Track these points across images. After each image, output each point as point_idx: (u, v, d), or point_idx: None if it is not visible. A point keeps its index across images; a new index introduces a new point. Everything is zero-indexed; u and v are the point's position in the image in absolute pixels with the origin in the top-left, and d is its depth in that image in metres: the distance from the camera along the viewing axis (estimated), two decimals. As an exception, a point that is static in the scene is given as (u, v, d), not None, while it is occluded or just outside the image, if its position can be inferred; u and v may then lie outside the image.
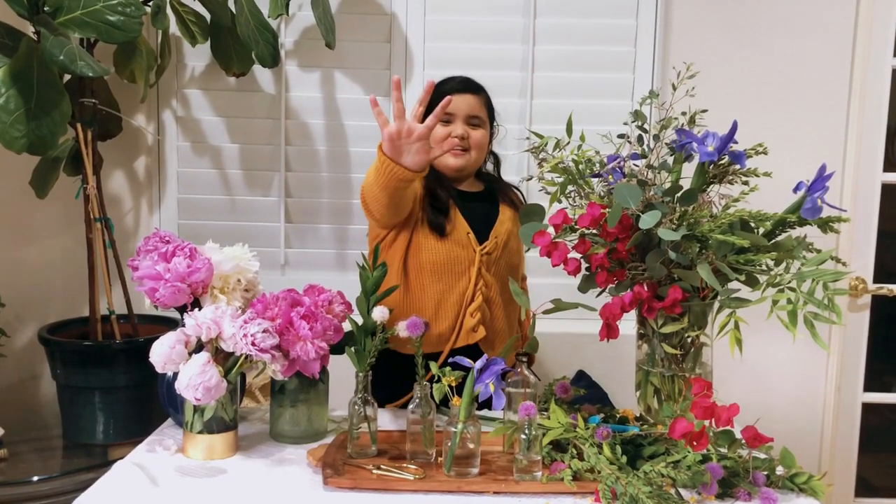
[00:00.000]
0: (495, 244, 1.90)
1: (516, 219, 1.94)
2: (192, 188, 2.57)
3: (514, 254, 1.96)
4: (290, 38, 2.52)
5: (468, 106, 1.89)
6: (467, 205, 1.94)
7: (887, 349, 2.75)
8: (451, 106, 1.86)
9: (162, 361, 1.48)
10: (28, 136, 1.82)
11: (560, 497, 1.37)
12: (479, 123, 1.91)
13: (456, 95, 1.86)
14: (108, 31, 1.90)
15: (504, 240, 1.92)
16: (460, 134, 1.88)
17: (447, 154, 1.88)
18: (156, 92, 2.51)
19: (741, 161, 1.54)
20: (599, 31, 2.51)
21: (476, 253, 1.88)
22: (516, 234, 1.91)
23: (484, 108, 1.93)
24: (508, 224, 1.95)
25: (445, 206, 1.89)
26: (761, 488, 1.37)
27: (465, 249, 1.88)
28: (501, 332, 1.90)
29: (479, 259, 1.88)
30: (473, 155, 1.91)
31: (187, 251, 1.61)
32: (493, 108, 1.98)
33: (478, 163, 1.95)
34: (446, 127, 1.89)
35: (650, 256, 1.49)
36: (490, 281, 1.89)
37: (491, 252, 1.89)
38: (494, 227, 1.93)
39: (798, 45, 2.51)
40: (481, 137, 1.92)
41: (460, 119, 1.89)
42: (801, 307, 1.35)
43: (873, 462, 2.76)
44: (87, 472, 1.88)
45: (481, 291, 1.87)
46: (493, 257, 1.90)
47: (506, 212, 1.96)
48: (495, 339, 1.90)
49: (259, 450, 1.60)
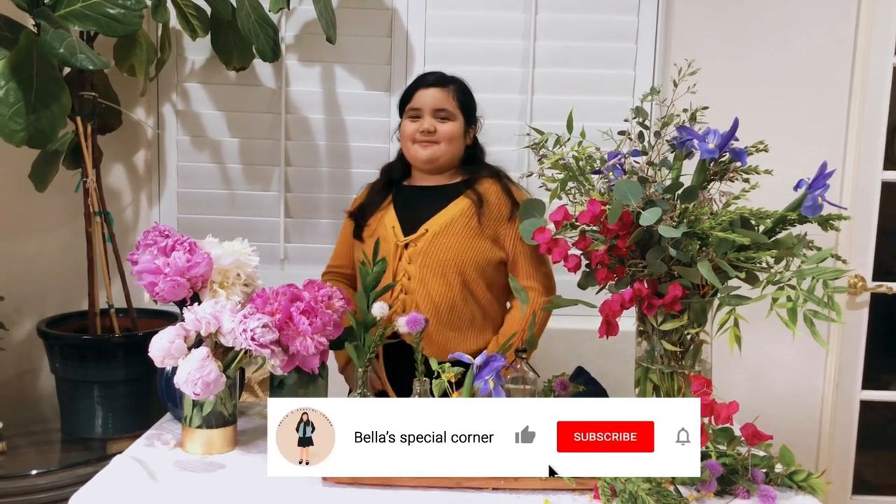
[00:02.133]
0: (423, 234, 1.88)
1: (476, 212, 1.88)
2: (192, 182, 2.57)
3: (465, 246, 1.88)
4: (291, 33, 2.51)
5: (433, 100, 1.91)
6: (411, 199, 1.96)
7: (886, 347, 2.75)
8: (419, 101, 1.93)
9: (161, 356, 1.48)
10: (27, 129, 1.81)
11: (559, 493, 1.37)
12: (447, 116, 1.92)
13: (422, 90, 1.93)
14: (108, 24, 1.90)
15: (439, 230, 1.87)
16: (425, 128, 1.90)
17: (416, 146, 1.92)
18: (156, 85, 2.50)
19: (742, 158, 1.54)
20: (600, 28, 2.50)
21: (396, 245, 1.89)
22: (474, 227, 1.87)
23: (452, 101, 1.93)
24: (455, 216, 1.89)
25: (366, 215, 1.97)
26: (760, 486, 1.37)
27: (386, 243, 1.88)
28: (430, 325, 1.80)
29: (397, 250, 1.88)
30: (442, 147, 1.91)
31: (187, 245, 1.60)
32: (468, 101, 1.98)
33: (449, 153, 1.93)
34: (414, 122, 1.92)
35: (650, 253, 1.49)
36: (413, 272, 1.87)
37: (416, 243, 1.88)
38: (432, 218, 1.90)
39: (799, 42, 2.50)
40: (450, 129, 1.92)
41: (427, 113, 1.91)
42: (800, 305, 1.35)
43: (871, 460, 2.77)
44: (86, 465, 1.88)
45: (401, 283, 1.87)
46: (420, 248, 1.87)
47: (461, 203, 1.90)
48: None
49: (258, 445, 1.60)
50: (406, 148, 1.95)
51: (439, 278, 1.87)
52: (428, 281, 1.86)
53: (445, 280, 1.87)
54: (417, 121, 1.92)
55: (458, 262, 1.87)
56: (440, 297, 1.87)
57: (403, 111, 1.96)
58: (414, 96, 1.93)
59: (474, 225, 1.88)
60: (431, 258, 1.87)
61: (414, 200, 1.96)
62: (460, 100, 1.95)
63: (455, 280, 1.87)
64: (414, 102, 1.93)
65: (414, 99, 1.93)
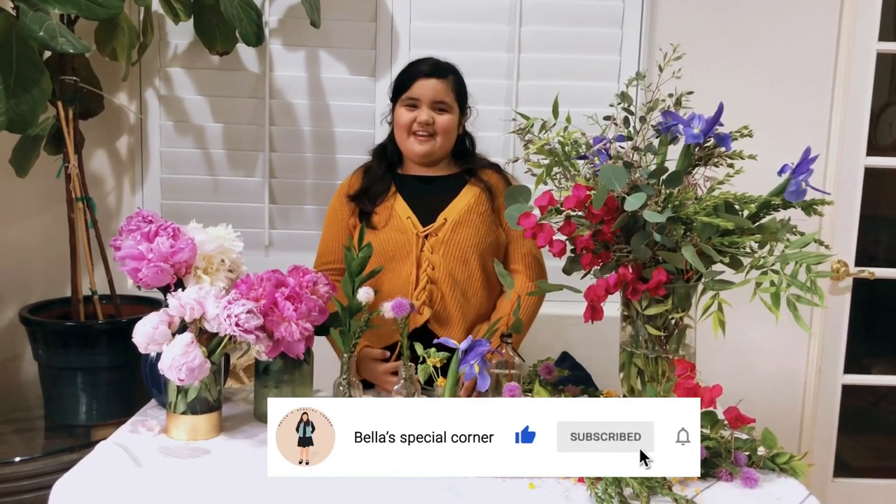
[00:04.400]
0: (443, 224, 1.89)
1: (489, 199, 1.93)
2: (175, 168, 2.55)
3: (483, 232, 1.91)
4: (275, 17, 2.49)
5: (433, 91, 1.89)
6: (419, 189, 1.94)
7: (867, 332, 2.78)
8: (417, 91, 1.89)
9: (145, 342, 1.47)
10: (7, 113, 1.79)
11: (545, 479, 1.38)
12: (445, 108, 1.91)
13: (422, 80, 1.89)
14: (89, 8, 1.87)
15: (458, 219, 1.90)
16: (424, 120, 1.88)
17: (413, 139, 1.90)
18: (138, 70, 2.48)
19: (727, 143, 1.54)
20: (586, 13, 2.49)
21: (417, 236, 1.88)
22: (488, 213, 1.91)
23: (451, 93, 1.92)
24: (471, 203, 1.92)
25: (374, 201, 1.93)
26: (743, 468, 1.38)
27: (404, 234, 1.88)
28: (454, 310, 1.88)
29: (419, 242, 1.88)
30: (439, 140, 1.91)
31: (170, 231, 1.59)
32: (464, 91, 1.97)
33: (444, 147, 1.93)
34: (411, 112, 1.90)
35: (635, 238, 1.49)
36: (437, 262, 1.87)
37: (437, 233, 1.88)
38: (448, 208, 1.91)
39: (783, 28, 2.51)
40: (447, 122, 1.91)
41: (426, 104, 1.89)
42: (784, 289, 1.35)
43: (852, 443, 2.80)
44: (70, 452, 1.87)
45: (426, 273, 1.87)
46: (442, 238, 1.88)
47: (471, 191, 1.93)
48: (447, 318, 1.89)
49: (243, 430, 1.60)
50: (401, 138, 1.93)
51: (462, 265, 1.89)
52: (453, 268, 1.88)
53: (468, 266, 1.89)
54: (414, 111, 1.90)
55: (478, 249, 1.90)
56: (466, 284, 1.90)
57: (397, 97, 1.94)
58: (413, 86, 1.90)
59: (489, 211, 1.91)
60: (453, 247, 1.88)
61: (421, 190, 1.95)
62: (457, 91, 1.94)
63: (476, 265, 1.89)
64: (412, 92, 1.90)
65: (413, 88, 1.90)
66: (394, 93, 1.96)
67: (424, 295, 1.86)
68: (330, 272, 1.88)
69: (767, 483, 1.38)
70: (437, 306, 1.87)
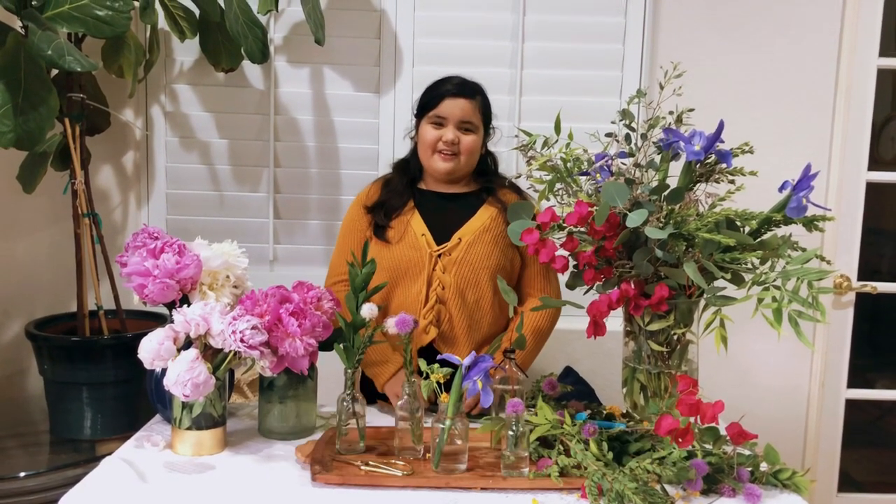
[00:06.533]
0: (457, 244, 1.88)
1: (505, 220, 1.89)
2: (181, 184, 2.56)
3: (497, 254, 1.90)
4: (280, 34, 2.51)
5: (461, 111, 1.87)
6: (437, 206, 1.94)
7: (871, 346, 2.78)
8: (445, 110, 1.87)
9: (150, 357, 1.48)
10: (15, 130, 1.81)
11: (547, 493, 1.38)
12: (471, 128, 1.89)
13: (450, 99, 1.87)
14: (96, 26, 1.89)
15: (472, 239, 1.88)
16: (450, 139, 1.87)
17: (437, 157, 1.89)
18: (144, 87, 2.50)
19: (728, 160, 1.55)
20: (588, 29, 2.51)
21: (431, 255, 1.87)
22: (503, 235, 1.89)
23: (478, 114, 1.90)
24: (487, 223, 1.91)
25: (390, 215, 1.91)
26: (745, 484, 1.39)
27: (418, 251, 1.87)
28: (461, 332, 1.87)
29: (431, 260, 1.87)
30: (463, 160, 1.89)
31: (176, 247, 1.60)
32: (489, 111, 1.96)
33: (467, 166, 1.92)
34: (437, 130, 1.88)
35: (637, 254, 1.50)
36: (448, 281, 1.86)
37: (450, 252, 1.87)
38: (463, 227, 1.90)
39: (784, 44, 2.52)
40: (472, 143, 1.89)
41: (452, 123, 1.87)
42: (785, 305, 1.36)
43: (856, 457, 2.79)
44: (75, 467, 1.87)
45: (436, 293, 1.87)
46: (455, 258, 1.87)
47: (487, 212, 1.92)
48: (453, 339, 1.88)
49: (247, 446, 1.60)
50: (425, 155, 1.91)
51: (473, 286, 1.88)
52: (464, 289, 1.87)
53: (479, 288, 1.88)
54: (440, 129, 1.88)
55: (490, 270, 1.88)
56: (475, 305, 1.89)
57: (423, 114, 1.91)
58: (441, 104, 1.87)
59: (503, 232, 1.88)
60: (465, 267, 1.87)
61: (439, 208, 1.94)
62: (483, 111, 1.93)
63: (487, 287, 1.88)
64: (440, 110, 1.87)
65: (440, 107, 1.87)
66: (419, 109, 1.94)
67: (432, 314, 1.86)
68: (345, 283, 1.84)
69: (770, 499, 1.38)
70: (443, 326, 1.87)
